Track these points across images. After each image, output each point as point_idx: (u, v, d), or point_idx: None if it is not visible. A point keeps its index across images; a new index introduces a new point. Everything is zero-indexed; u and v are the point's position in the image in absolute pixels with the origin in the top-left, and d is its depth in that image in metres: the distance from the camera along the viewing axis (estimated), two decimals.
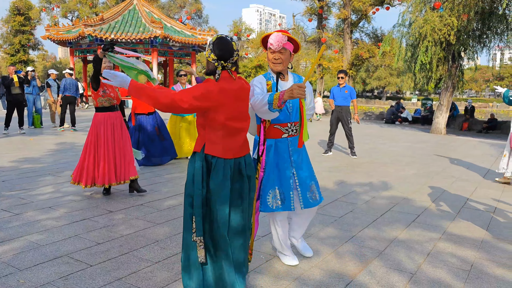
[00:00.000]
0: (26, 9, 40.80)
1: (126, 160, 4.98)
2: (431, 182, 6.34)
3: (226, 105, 2.42)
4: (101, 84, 4.84)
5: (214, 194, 2.45)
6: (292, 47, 2.97)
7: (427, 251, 3.54)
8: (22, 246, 3.47)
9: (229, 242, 2.49)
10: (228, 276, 2.48)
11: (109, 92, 4.91)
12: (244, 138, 2.61)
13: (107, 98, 4.89)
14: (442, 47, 13.74)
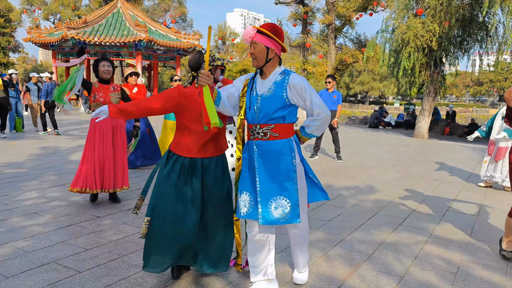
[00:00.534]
0: (6, 11, 40.01)
1: (118, 168, 4.85)
2: (416, 186, 6.45)
3: (189, 108, 2.76)
4: (93, 89, 4.79)
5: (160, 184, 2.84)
6: (268, 41, 2.65)
7: (415, 254, 3.60)
8: (8, 253, 3.40)
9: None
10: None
11: (98, 97, 4.80)
12: (208, 140, 2.83)
13: (97, 103, 4.80)
14: (424, 53, 14.02)
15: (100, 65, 4.86)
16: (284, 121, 2.72)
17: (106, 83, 4.91)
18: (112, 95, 4.89)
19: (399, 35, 13.95)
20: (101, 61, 4.90)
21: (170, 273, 3.10)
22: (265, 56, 2.67)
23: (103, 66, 4.87)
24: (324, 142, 10.67)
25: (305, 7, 24.58)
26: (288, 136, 2.74)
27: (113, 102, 4.88)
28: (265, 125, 2.71)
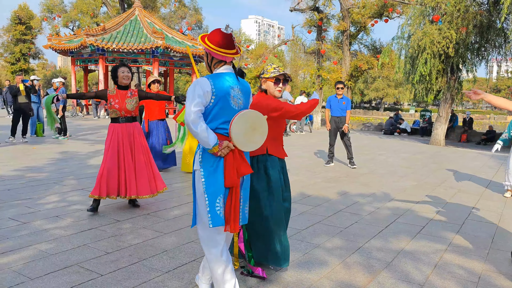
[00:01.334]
0: (27, 19, 41.07)
1: (136, 175, 4.86)
2: (433, 194, 6.39)
3: None
4: (108, 96, 4.82)
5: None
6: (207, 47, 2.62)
7: (434, 263, 3.58)
8: (32, 255, 3.49)
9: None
10: None
11: (114, 104, 4.82)
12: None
13: (113, 110, 4.85)
14: (441, 60, 13.90)
15: (119, 71, 4.88)
16: None
17: (124, 89, 4.93)
18: (128, 101, 4.89)
19: (415, 41, 13.86)
20: (121, 67, 4.92)
21: (190, 277, 3.14)
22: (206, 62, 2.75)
23: (122, 72, 4.88)
24: (338, 149, 10.64)
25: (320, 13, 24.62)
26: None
27: (128, 108, 4.87)
28: None
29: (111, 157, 4.78)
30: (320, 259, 3.57)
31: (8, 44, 41.84)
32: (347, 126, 8.64)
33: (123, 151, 4.84)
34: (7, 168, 7.26)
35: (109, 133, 4.87)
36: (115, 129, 4.86)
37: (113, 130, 4.86)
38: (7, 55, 42.26)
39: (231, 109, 2.58)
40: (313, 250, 3.78)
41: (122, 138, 4.86)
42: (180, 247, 3.77)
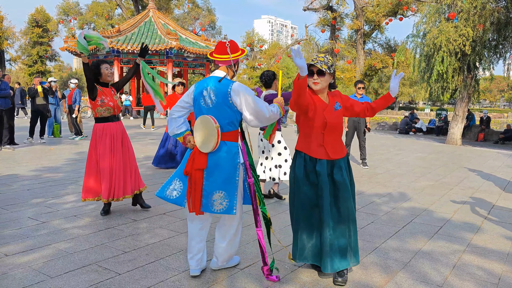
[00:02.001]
0: (44, 21, 41.79)
1: (127, 174, 4.72)
2: (450, 193, 6.30)
3: None
4: (98, 93, 4.56)
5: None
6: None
7: (453, 264, 3.53)
8: (51, 254, 3.55)
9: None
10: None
11: (107, 101, 4.59)
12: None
13: (106, 107, 4.59)
14: (457, 58, 13.70)
15: (103, 68, 4.61)
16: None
17: (106, 86, 4.71)
18: (115, 98, 4.75)
19: (431, 39, 13.69)
20: (103, 64, 4.65)
21: (205, 276, 3.16)
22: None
23: (106, 69, 4.63)
24: (352, 149, 10.57)
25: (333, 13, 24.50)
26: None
27: (119, 105, 4.79)
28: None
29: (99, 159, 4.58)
30: None
31: (25, 46, 42.65)
32: (369, 124, 8.60)
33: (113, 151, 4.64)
34: (26, 168, 7.40)
35: (101, 133, 4.59)
36: (109, 127, 4.62)
37: (106, 129, 4.61)
38: (25, 57, 43.06)
39: (202, 108, 3.05)
40: None
41: (115, 138, 4.66)
42: None
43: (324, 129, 3.04)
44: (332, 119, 3.05)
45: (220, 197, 2.99)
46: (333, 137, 3.09)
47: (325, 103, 3.08)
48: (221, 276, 3.18)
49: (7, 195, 5.52)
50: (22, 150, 9.81)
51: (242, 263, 3.45)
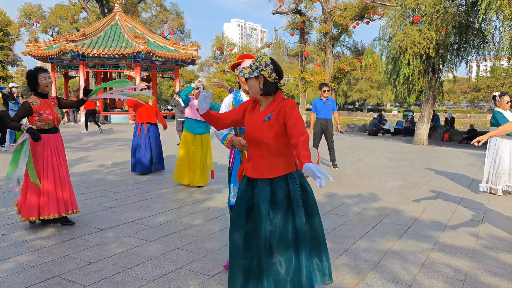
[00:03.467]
0: (4, 25, 40.22)
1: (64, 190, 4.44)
2: (418, 193, 6.44)
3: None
4: (34, 110, 4.23)
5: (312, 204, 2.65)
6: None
7: (421, 262, 3.58)
8: (11, 267, 3.37)
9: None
10: None
11: (46, 115, 4.29)
12: None
13: (45, 122, 4.30)
14: (422, 60, 14.10)
15: (40, 77, 4.30)
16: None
17: (45, 97, 4.38)
18: (55, 110, 4.43)
19: (397, 42, 14.03)
20: (41, 73, 4.32)
21: (176, 285, 3.08)
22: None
23: (44, 78, 4.31)
24: (321, 151, 10.67)
25: (302, 16, 24.77)
26: None
27: (59, 117, 4.45)
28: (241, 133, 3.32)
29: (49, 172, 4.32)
30: None
31: None
32: (340, 127, 8.69)
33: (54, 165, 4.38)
34: None
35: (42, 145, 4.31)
36: (51, 139, 4.36)
37: (48, 140, 4.34)
38: None
39: None
40: None
41: (58, 150, 4.41)
42: (165, 254, 3.70)
43: (247, 140, 2.63)
44: (252, 130, 2.54)
45: None
46: (257, 153, 2.56)
47: (257, 111, 2.60)
48: (191, 284, 3.11)
49: None
50: None
51: (213, 269, 3.38)
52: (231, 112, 2.73)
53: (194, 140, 6.63)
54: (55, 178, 4.38)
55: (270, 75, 2.49)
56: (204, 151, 6.71)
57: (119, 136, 15.54)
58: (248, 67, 2.56)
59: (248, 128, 2.58)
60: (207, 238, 4.15)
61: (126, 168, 8.30)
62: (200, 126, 6.65)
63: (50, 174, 4.35)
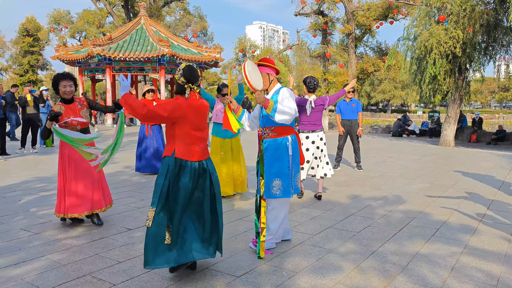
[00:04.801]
0: (34, 30, 41.57)
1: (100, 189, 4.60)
2: (446, 195, 6.30)
3: (190, 117, 3.17)
4: (62, 116, 4.37)
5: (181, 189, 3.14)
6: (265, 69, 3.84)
7: (451, 266, 3.51)
8: (44, 266, 3.48)
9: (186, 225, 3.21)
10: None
11: (70, 121, 4.37)
12: (205, 145, 3.36)
13: (72, 127, 4.39)
14: (448, 60, 13.80)
15: (60, 85, 4.38)
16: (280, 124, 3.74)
17: (70, 102, 4.50)
18: (82, 113, 4.51)
19: (422, 42, 13.78)
20: (62, 81, 4.41)
21: (203, 285, 3.12)
22: (268, 80, 3.85)
23: (64, 86, 4.37)
24: (345, 153, 10.57)
25: (324, 17, 24.63)
26: (284, 135, 3.80)
27: (85, 120, 4.51)
28: (267, 128, 3.82)
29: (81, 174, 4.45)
30: (334, 264, 3.53)
31: (16, 56, 42.37)
32: (362, 130, 8.57)
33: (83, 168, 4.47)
34: (18, 179, 7.30)
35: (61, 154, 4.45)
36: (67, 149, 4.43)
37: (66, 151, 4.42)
38: (16, 67, 42.76)
39: None
40: (326, 256, 3.73)
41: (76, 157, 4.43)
42: None
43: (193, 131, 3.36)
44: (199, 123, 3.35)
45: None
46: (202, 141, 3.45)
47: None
48: (217, 285, 3.14)
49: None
50: (14, 160, 9.69)
51: (239, 270, 3.40)
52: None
53: (223, 145, 5.90)
54: (88, 179, 4.48)
55: (180, 78, 3.22)
56: (236, 156, 5.96)
57: None
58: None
59: None
60: (232, 239, 4.18)
61: None
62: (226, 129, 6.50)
63: (83, 176, 4.45)
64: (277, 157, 3.76)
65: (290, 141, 3.81)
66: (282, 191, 3.74)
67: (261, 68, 3.81)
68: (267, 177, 3.75)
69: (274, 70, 3.89)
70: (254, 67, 3.66)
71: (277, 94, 3.79)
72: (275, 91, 3.85)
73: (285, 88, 3.83)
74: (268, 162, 3.76)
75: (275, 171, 3.75)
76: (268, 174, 3.75)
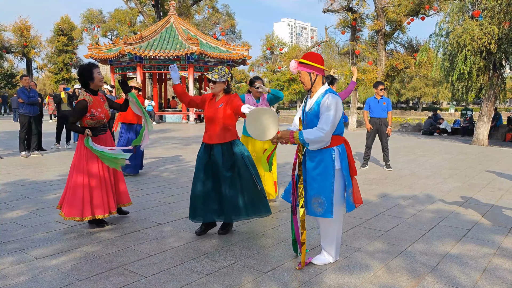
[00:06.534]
0: (69, 30, 42.87)
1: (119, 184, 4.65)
2: (478, 195, 6.14)
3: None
4: (88, 108, 4.26)
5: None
6: (308, 68, 3.36)
7: (483, 267, 3.43)
8: (79, 257, 3.62)
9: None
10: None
11: (98, 114, 4.32)
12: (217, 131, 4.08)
13: (97, 120, 4.35)
14: (482, 56, 13.38)
15: (95, 72, 4.29)
16: None
17: (96, 94, 4.40)
18: (105, 106, 4.46)
19: (454, 38, 13.41)
20: (96, 67, 4.32)
21: (231, 280, 3.17)
22: (309, 80, 3.39)
23: (99, 73, 4.30)
24: (373, 151, 10.43)
25: (353, 14, 24.30)
26: (331, 145, 3.32)
27: (109, 114, 4.52)
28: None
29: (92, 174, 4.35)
30: (361, 263, 3.51)
31: (51, 55, 43.83)
32: (390, 129, 8.44)
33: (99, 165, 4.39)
34: (53, 174, 7.59)
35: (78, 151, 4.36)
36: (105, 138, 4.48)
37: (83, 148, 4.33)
38: (51, 65, 44.25)
39: None
40: (354, 254, 3.72)
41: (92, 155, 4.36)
42: (220, 250, 3.81)
43: (206, 120, 4.15)
44: (210, 114, 4.08)
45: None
46: (213, 127, 4.08)
47: (213, 101, 4.14)
48: (245, 280, 3.18)
49: (37, 199, 5.68)
50: (49, 156, 10.07)
51: (266, 266, 3.44)
52: (197, 97, 4.27)
53: (253, 144, 5.42)
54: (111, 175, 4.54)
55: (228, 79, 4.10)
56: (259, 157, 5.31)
57: (173, 134, 16.08)
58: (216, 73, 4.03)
59: (207, 111, 4.13)
60: (260, 235, 4.22)
61: (180, 165, 8.59)
62: None
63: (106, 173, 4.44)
64: (320, 171, 3.32)
65: (337, 152, 3.31)
66: (323, 210, 3.29)
67: (301, 67, 3.38)
68: (308, 192, 3.38)
69: (317, 69, 3.34)
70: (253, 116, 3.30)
71: (320, 100, 3.30)
72: (320, 94, 3.34)
73: (331, 94, 3.28)
74: (310, 174, 3.38)
75: (317, 186, 3.32)
76: (309, 188, 3.38)
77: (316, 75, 3.37)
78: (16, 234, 4.20)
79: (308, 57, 3.39)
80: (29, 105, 9.61)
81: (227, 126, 4.06)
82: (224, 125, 4.04)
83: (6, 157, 9.66)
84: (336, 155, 3.31)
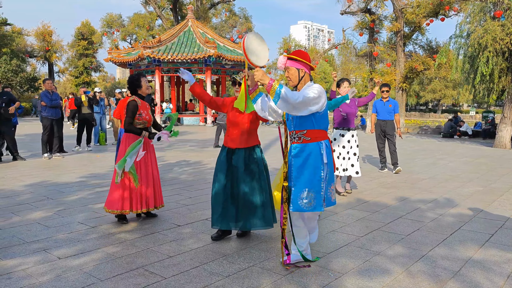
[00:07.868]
0: (89, 34, 43.68)
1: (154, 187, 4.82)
2: (500, 200, 6.01)
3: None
4: (139, 108, 4.64)
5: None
6: (297, 64, 3.35)
7: (507, 273, 3.36)
8: (101, 257, 3.68)
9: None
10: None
11: (144, 115, 4.69)
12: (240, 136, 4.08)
13: (142, 121, 4.68)
14: (504, 57, 13.10)
15: (143, 81, 4.72)
16: (313, 127, 3.33)
17: (143, 99, 4.80)
18: (150, 112, 4.82)
19: (475, 39, 13.17)
20: (143, 77, 4.77)
21: (250, 282, 3.18)
22: (297, 76, 3.37)
23: (146, 82, 4.72)
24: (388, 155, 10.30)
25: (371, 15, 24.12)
26: (318, 140, 3.34)
27: (152, 119, 4.83)
28: (299, 131, 3.36)
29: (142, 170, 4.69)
30: (381, 267, 3.48)
31: (72, 58, 44.71)
32: (400, 131, 8.34)
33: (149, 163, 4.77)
34: (74, 176, 7.73)
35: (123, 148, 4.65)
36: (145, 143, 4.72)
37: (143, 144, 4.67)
38: (72, 69, 45.14)
39: None
40: (373, 258, 3.68)
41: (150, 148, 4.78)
42: (239, 252, 3.82)
43: (229, 124, 4.14)
44: (234, 117, 4.08)
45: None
46: (235, 131, 4.07)
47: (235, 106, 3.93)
48: (264, 282, 3.19)
49: (58, 201, 5.79)
50: (70, 158, 10.26)
51: (285, 269, 3.43)
52: (219, 99, 4.23)
53: None
54: (148, 175, 4.72)
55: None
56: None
57: (191, 137, 16.20)
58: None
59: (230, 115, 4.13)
60: (278, 238, 4.22)
61: (197, 168, 8.65)
62: None
63: (143, 172, 4.69)
64: (309, 165, 3.30)
65: (324, 147, 3.33)
66: (313, 204, 3.27)
67: (290, 62, 3.35)
68: (296, 188, 3.32)
69: (306, 66, 3.37)
70: (257, 39, 3.41)
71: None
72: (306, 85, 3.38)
73: (317, 84, 3.29)
74: (298, 170, 3.33)
75: (306, 180, 3.28)
76: (297, 184, 3.32)
77: (304, 72, 3.37)
78: (39, 234, 4.30)
79: (298, 54, 3.38)
80: (51, 108, 9.82)
81: (251, 130, 4.08)
82: (248, 129, 4.06)
83: (28, 159, 9.89)
84: (324, 149, 3.34)
